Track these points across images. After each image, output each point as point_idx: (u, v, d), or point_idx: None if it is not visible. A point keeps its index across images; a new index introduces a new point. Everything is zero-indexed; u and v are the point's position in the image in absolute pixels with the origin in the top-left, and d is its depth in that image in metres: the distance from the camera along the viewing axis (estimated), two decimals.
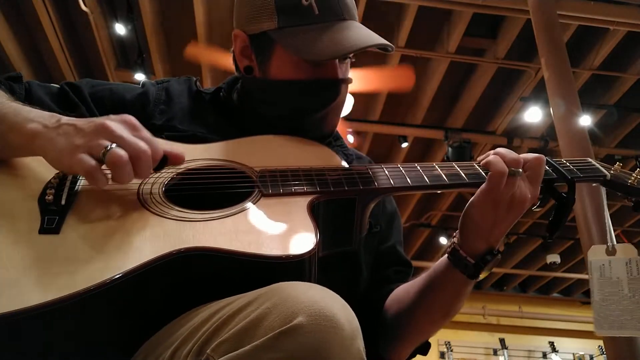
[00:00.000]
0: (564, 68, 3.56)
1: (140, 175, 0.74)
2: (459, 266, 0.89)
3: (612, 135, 5.85)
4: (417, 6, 4.34)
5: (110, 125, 0.73)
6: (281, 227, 0.77)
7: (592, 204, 3.11)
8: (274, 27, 0.96)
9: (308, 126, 1.03)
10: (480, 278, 0.90)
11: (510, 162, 0.86)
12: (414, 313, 0.97)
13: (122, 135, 0.73)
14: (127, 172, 0.71)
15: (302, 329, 0.52)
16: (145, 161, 0.73)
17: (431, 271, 0.96)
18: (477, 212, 0.88)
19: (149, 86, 1.07)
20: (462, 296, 0.94)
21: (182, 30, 4.77)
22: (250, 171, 0.88)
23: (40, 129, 0.75)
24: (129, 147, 0.72)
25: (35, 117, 0.77)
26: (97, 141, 0.72)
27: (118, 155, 0.70)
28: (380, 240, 1.10)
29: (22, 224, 0.72)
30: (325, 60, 0.94)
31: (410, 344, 1.01)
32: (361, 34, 0.95)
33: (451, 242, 0.93)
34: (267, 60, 1.00)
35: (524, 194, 0.86)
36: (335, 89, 1.00)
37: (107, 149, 0.71)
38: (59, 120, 0.76)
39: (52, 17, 4.41)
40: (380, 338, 1.02)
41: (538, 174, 0.89)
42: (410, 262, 1.14)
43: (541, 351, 8.84)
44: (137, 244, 0.70)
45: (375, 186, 0.88)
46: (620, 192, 0.97)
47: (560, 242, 7.88)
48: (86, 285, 0.62)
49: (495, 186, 0.85)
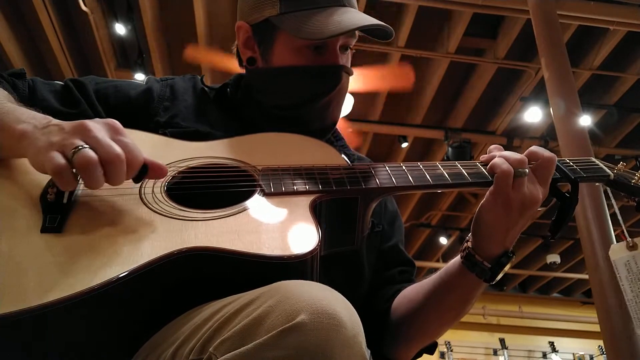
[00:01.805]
0: (564, 68, 3.57)
1: (111, 181, 0.69)
2: (475, 271, 0.88)
3: (612, 135, 5.85)
4: (417, 6, 4.34)
5: (88, 125, 0.70)
6: (283, 227, 0.76)
7: (592, 204, 3.11)
8: (276, 13, 0.98)
9: (309, 116, 1.03)
10: (495, 281, 0.89)
11: (515, 163, 0.85)
12: (425, 314, 0.96)
13: (98, 136, 0.69)
14: (96, 176, 0.67)
15: (305, 326, 0.52)
16: (117, 166, 0.69)
17: (443, 273, 0.95)
18: (489, 217, 0.87)
19: (153, 82, 1.07)
20: (475, 297, 0.93)
21: (182, 30, 4.77)
22: (252, 169, 0.88)
23: (29, 130, 0.73)
24: (102, 150, 0.68)
25: (27, 118, 0.75)
26: (71, 140, 0.68)
27: (87, 157, 0.66)
28: (382, 240, 1.10)
29: (24, 223, 0.72)
30: (324, 39, 0.95)
31: (419, 343, 1.01)
32: (361, 16, 0.97)
33: (465, 246, 0.91)
34: (269, 48, 1.02)
35: (536, 195, 0.85)
36: (337, 74, 1.01)
37: (77, 149, 0.67)
38: (49, 122, 0.74)
39: (52, 17, 4.42)
40: (386, 338, 1.02)
41: (549, 173, 0.88)
42: (413, 262, 1.13)
43: (541, 351, 8.85)
44: (139, 244, 0.69)
45: (377, 185, 0.87)
46: (624, 192, 0.96)
47: (560, 242, 7.89)
48: (88, 285, 0.61)
49: (503, 188, 0.84)
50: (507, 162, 0.86)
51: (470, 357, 8.71)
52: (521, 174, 0.84)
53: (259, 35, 1.03)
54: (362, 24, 0.94)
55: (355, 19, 0.95)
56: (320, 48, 1.00)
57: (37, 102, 0.94)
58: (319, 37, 0.94)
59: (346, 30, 0.93)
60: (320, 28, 0.94)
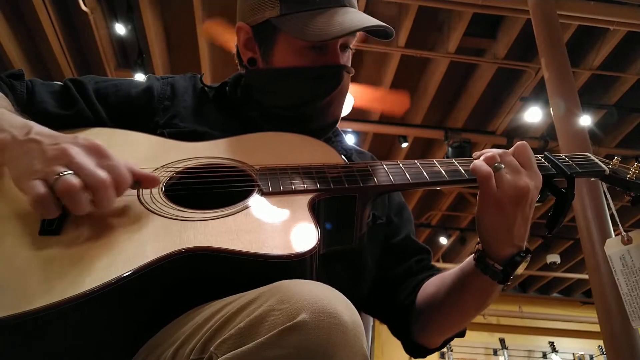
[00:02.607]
0: (564, 68, 3.57)
1: (100, 206, 0.69)
2: (488, 273, 0.89)
3: (612, 135, 5.85)
4: (417, 6, 4.34)
5: (70, 151, 0.69)
6: (282, 226, 0.76)
7: (592, 204, 3.11)
8: (277, 14, 0.98)
9: (311, 115, 1.03)
10: (512, 280, 0.89)
11: (488, 160, 0.87)
12: (447, 310, 0.98)
13: (81, 162, 0.68)
14: (80, 202, 0.67)
15: (306, 325, 0.52)
16: (102, 192, 0.68)
17: (460, 272, 0.95)
18: (486, 220, 0.88)
19: (154, 80, 1.07)
20: (494, 294, 0.93)
21: (182, 29, 4.77)
22: (250, 169, 0.88)
23: (8, 141, 0.72)
24: (86, 177, 0.67)
25: (7, 126, 0.74)
26: (52, 167, 0.67)
27: (68, 184, 0.65)
28: (393, 233, 1.10)
29: (22, 226, 0.71)
30: (328, 40, 0.95)
31: (446, 333, 1.02)
32: (362, 17, 0.97)
33: (476, 248, 0.92)
34: (270, 49, 1.02)
35: (523, 184, 0.85)
36: (338, 74, 1.01)
37: (58, 176, 0.66)
38: (28, 133, 0.72)
39: (52, 17, 4.41)
40: (415, 329, 1.03)
41: (527, 157, 0.88)
42: (428, 248, 1.13)
43: (541, 351, 8.84)
44: (138, 245, 0.69)
45: (375, 183, 0.88)
46: (619, 187, 0.96)
47: (560, 242, 7.89)
48: (88, 287, 0.61)
49: (488, 188, 0.85)
50: (484, 162, 0.87)
51: (470, 357, 8.71)
52: (497, 168, 0.85)
53: (259, 36, 1.03)
54: (365, 24, 0.94)
55: (358, 20, 0.96)
56: (321, 48, 1.00)
57: (35, 104, 0.94)
58: (324, 38, 0.94)
59: (349, 31, 0.94)
60: (322, 29, 0.94)
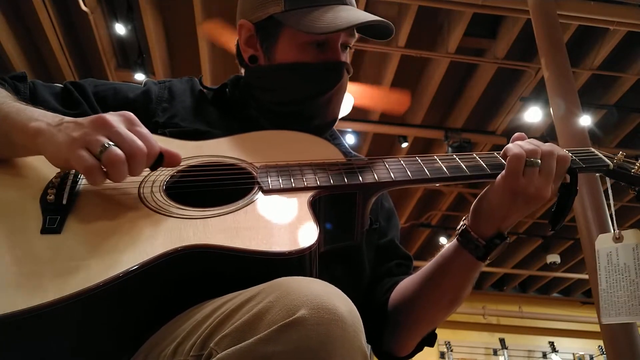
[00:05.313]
0: (564, 68, 3.57)
1: (133, 173, 0.72)
2: (469, 247, 0.90)
3: (612, 135, 5.85)
4: (417, 6, 4.34)
5: (108, 119, 0.72)
6: (282, 223, 0.77)
7: (592, 203, 3.12)
8: (281, 10, 1.00)
9: (310, 112, 1.05)
10: (488, 262, 0.91)
11: (529, 153, 0.86)
12: (422, 299, 0.97)
13: (120, 131, 0.72)
14: (123, 171, 0.71)
15: (305, 321, 0.52)
16: (140, 159, 0.72)
17: (438, 257, 0.97)
18: (494, 198, 0.88)
19: (151, 85, 1.08)
20: (470, 280, 0.94)
21: (182, 30, 4.77)
22: (250, 167, 0.88)
23: (44, 127, 0.74)
24: (126, 145, 0.71)
25: (38, 116, 0.77)
26: (95, 136, 0.71)
27: (115, 155, 0.69)
28: (379, 235, 1.11)
29: (24, 224, 0.72)
30: (336, 31, 0.97)
31: (417, 333, 1.01)
32: (365, 13, 1.00)
33: (462, 224, 0.93)
34: (272, 45, 1.04)
35: (544, 190, 0.85)
36: (339, 71, 1.03)
37: (104, 147, 0.70)
38: (62, 119, 0.76)
39: (52, 17, 4.41)
40: (386, 331, 1.02)
41: (564, 170, 0.88)
42: (411, 256, 1.14)
43: (541, 351, 8.84)
44: (138, 243, 0.70)
45: (375, 180, 0.87)
46: (624, 182, 0.95)
47: (560, 242, 7.89)
48: (88, 285, 0.62)
49: (513, 173, 0.85)
50: (521, 148, 0.86)
51: (470, 357, 8.71)
52: (533, 163, 0.85)
53: (262, 32, 1.05)
54: (364, 20, 0.97)
55: (362, 15, 0.98)
56: (323, 45, 1.02)
57: (38, 104, 0.94)
58: (332, 29, 0.96)
59: (356, 23, 0.96)
60: (329, 22, 0.97)
